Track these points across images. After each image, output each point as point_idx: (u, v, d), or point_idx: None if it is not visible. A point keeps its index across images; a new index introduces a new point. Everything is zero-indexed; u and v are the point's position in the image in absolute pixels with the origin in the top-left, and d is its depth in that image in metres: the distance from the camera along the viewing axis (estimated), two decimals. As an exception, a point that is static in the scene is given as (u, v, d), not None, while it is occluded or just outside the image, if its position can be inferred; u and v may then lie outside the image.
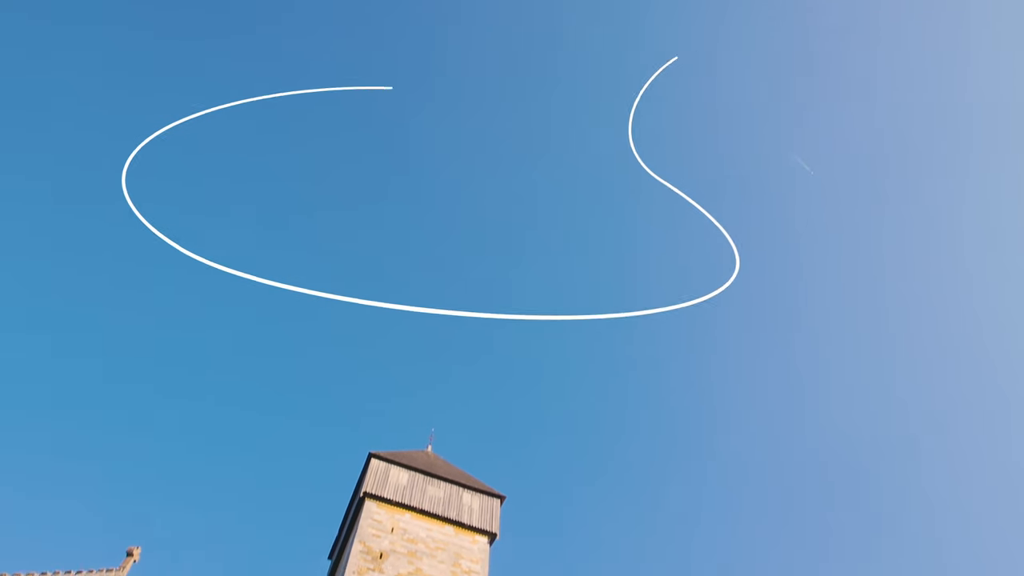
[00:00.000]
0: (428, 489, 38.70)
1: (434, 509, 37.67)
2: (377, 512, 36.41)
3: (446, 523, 37.52)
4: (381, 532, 35.53)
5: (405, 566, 34.40)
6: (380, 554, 34.42)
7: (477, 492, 39.93)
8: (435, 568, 34.98)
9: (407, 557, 34.85)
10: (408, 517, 36.94)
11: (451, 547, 36.44)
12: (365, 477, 37.82)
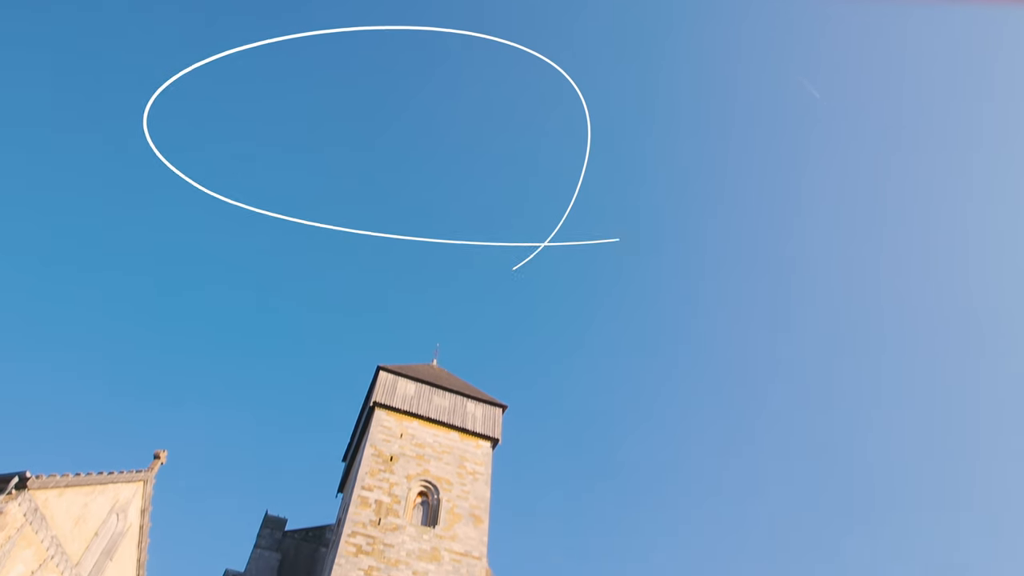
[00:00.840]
0: (434, 399, 39.89)
1: (440, 417, 38.96)
2: (387, 420, 37.70)
3: (451, 429, 38.89)
4: (391, 437, 36.92)
5: (414, 468, 35.96)
6: (391, 457, 35.90)
7: (480, 402, 41.14)
8: (442, 469, 36.56)
9: (415, 460, 36.36)
10: (416, 424, 38.26)
11: (456, 451, 37.93)
12: (375, 388, 38.89)
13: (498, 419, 40.84)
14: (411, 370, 41.38)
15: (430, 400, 39.57)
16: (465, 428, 39.08)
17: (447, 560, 32.35)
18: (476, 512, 35.21)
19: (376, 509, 33.06)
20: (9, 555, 15.08)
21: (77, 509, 17.50)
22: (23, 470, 15.74)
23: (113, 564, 18.67)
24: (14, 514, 15.34)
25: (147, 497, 20.18)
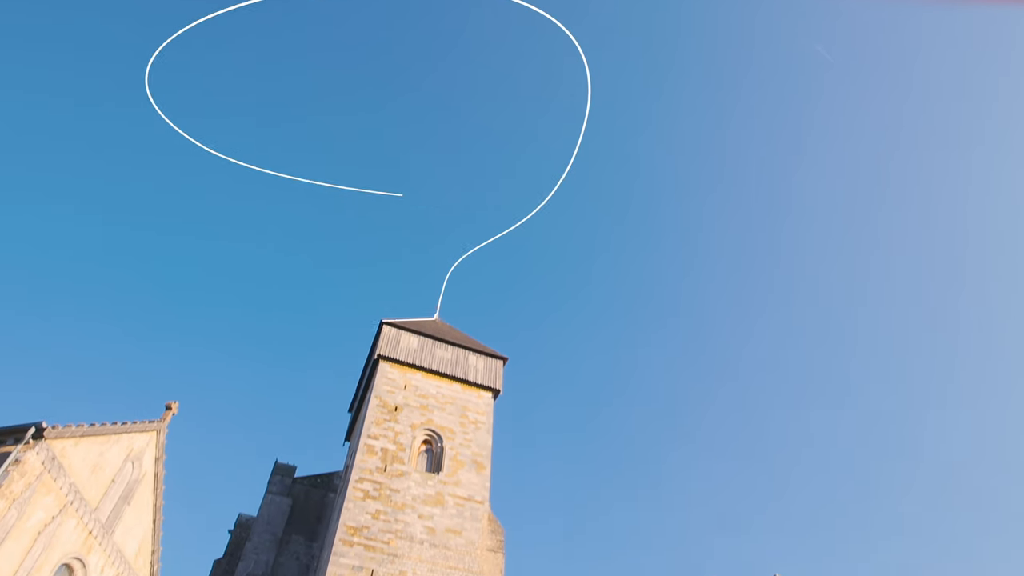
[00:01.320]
0: (436, 351, 40.21)
1: (442, 369, 39.36)
2: (391, 372, 38.09)
3: (454, 381, 39.33)
4: (395, 389, 37.38)
5: (418, 417, 36.53)
6: (395, 407, 36.42)
7: (481, 354, 41.48)
8: (445, 419, 37.14)
9: (419, 410, 36.90)
10: (419, 376, 38.68)
11: (459, 401, 38.45)
12: (378, 342, 39.17)
13: (499, 371, 41.26)
14: (414, 324, 41.58)
15: (432, 353, 39.90)
16: (467, 379, 39.50)
17: (451, 504, 33.16)
18: (478, 459, 35.91)
19: (382, 456, 33.71)
20: (30, 501, 15.42)
21: (93, 458, 17.82)
22: (39, 421, 15.96)
23: (131, 509, 19.13)
24: (32, 463, 15.62)
25: (160, 446, 20.52)
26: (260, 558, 34.61)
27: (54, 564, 16.24)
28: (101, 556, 17.86)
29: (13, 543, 14.91)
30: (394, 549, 30.28)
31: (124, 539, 18.85)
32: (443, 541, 31.49)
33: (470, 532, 32.37)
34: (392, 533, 30.83)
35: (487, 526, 34.52)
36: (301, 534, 36.75)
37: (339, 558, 29.08)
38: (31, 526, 15.48)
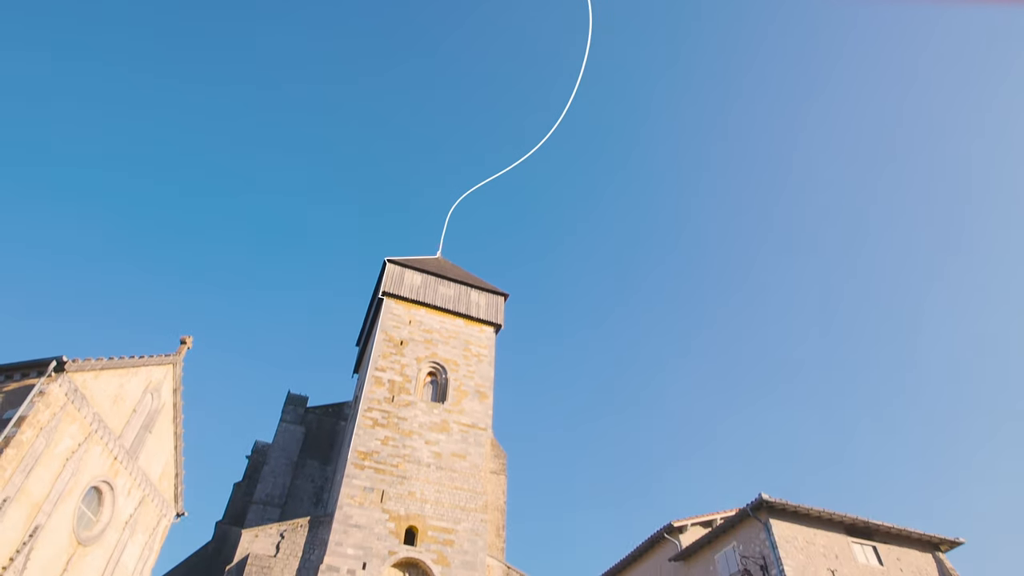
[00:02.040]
0: (439, 288, 40.32)
1: (445, 305, 39.57)
2: (396, 308, 38.32)
3: (457, 316, 39.62)
4: (400, 324, 37.70)
5: (423, 351, 37.01)
6: (400, 342, 36.84)
7: (483, 291, 41.61)
8: (448, 352, 37.64)
9: (424, 344, 37.34)
10: (423, 312, 38.93)
11: (462, 336, 38.85)
12: (383, 279, 39.24)
13: (500, 306, 41.50)
14: (417, 262, 41.54)
15: (436, 290, 40.01)
16: (469, 315, 39.79)
17: (456, 431, 34.04)
18: (481, 389, 36.62)
19: (389, 387, 34.36)
20: (56, 429, 15.77)
21: (114, 389, 18.12)
22: (59, 355, 16.14)
23: (152, 437, 19.62)
24: (56, 394, 15.89)
25: (177, 378, 20.84)
26: (277, 481, 35.86)
27: (83, 487, 16.79)
28: (127, 479, 18.46)
29: (43, 468, 15.36)
30: (403, 472, 31.29)
31: (148, 464, 19.43)
32: (449, 464, 32.50)
33: (474, 456, 33.37)
34: (401, 457, 31.79)
35: (490, 451, 35.56)
36: (315, 459, 37.93)
37: (351, 480, 30.11)
38: (59, 452, 15.89)
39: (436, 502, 30.90)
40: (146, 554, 19.36)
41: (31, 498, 15.05)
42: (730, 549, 18.75)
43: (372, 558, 28.10)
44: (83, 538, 16.85)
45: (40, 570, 15.34)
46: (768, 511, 18.02)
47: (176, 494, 21.08)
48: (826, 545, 18.16)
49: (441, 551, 29.42)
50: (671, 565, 20.81)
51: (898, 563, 18.86)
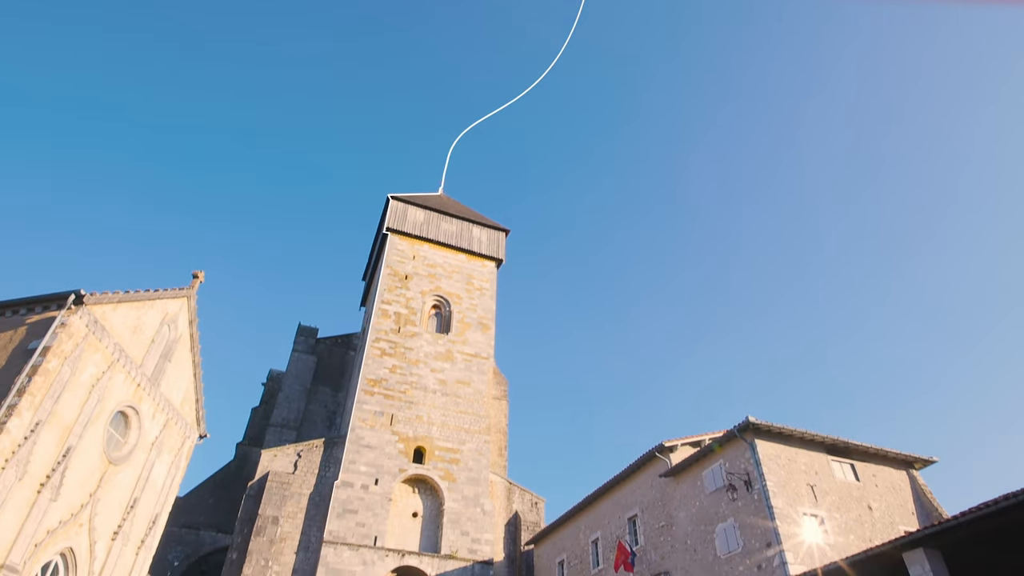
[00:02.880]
0: (442, 224, 39.99)
1: (448, 240, 39.37)
2: (400, 244, 38.14)
3: (459, 251, 39.49)
4: (404, 259, 37.64)
5: (427, 284, 37.12)
6: (405, 276, 36.89)
7: (484, 226, 41.28)
8: (452, 286, 37.76)
9: (428, 278, 37.40)
10: (427, 248, 38.77)
11: (464, 270, 38.85)
12: (387, 215, 38.87)
13: (501, 242, 41.29)
14: (420, 199, 41.00)
15: (438, 226, 39.69)
16: (471, 250, 39.65)
17: (460, 360, 34.61)
18: (484, 321, 36.97)
19: (396, 319, 34.69)
20: (80, 358, 16.00)
21: (132, 321, 18.26)
22: (77, 288, 16.16)
23: (172, 365, 19.93)
24: (77, 325, 16.01)
25: (192, 311, 20.96)
26: (292, 406, 36.82)
27: (110, 412, 17.20)
28: (151, 404, 18.90)
29: (70, 395, 15.68)
30: (410, 398, 32.05)
31: (170, 390, 19.84)
32: (454, 391, 33.24)
33: (477, 383, 34.08)
34: (408, 384, 32.48)
35: (492, 378, 36.30)
36: (327, 386, 38.80)
37: (362, 405, 30.90)
38: (84, 380, 16.18)
39: (442, 425, 31.79)
40: (173, 472, 20.08)
41: (62, 422, 15.44)
42: (717, 466, 19.42)
43: (384, 475, 29.21)
44: (113, 458, 17.42)
45: (76, 486, 15.94)
46: (754, 432, 18.53)
47: (198, 418, 21.64)
48: (807, 463, 18.78)
49: (448, 469, 30.54)
50: (661, 481, 21.61)
51: (873, 479, 19.57)
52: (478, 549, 28.77)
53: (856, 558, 14.09)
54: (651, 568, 20.99)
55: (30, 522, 14.26)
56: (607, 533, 24.01)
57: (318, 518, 27.58)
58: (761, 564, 16.71)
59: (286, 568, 26.12)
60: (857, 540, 17.40)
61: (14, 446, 13.97)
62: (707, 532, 19.04)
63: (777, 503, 17.15)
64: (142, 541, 18.64)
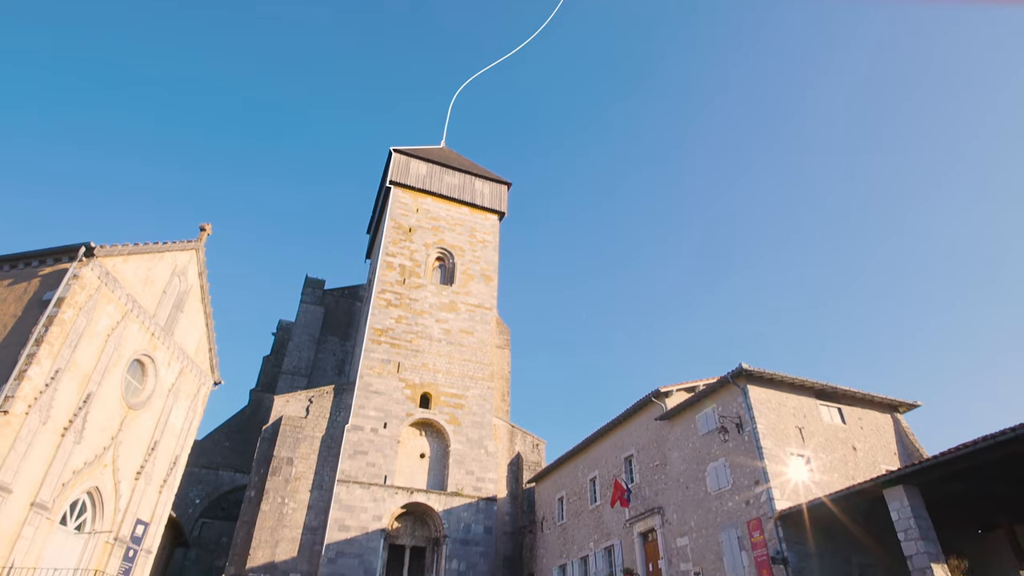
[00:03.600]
0: (445, 177, 39.42)
1: (451, 193, 38.90)
2: (403, 197, 37.71)
3: (462, 204, 39.06)
4: (408, 212, 37.30)
5: (430, 237, 36.91)
6: (409, 229, 36.65)
7: (487, 179, 40.69)
8: (455, 238, 37.55)
9: (431, 231, 37.16)
10: (430, 201, 38.34)
11: (467, 223, 38.54)
12: (389, 169, 38.29)
13: (503, 195, 40.80)
14: (422, 151, 40.29)
15: (441, 179, 39.15)
16: (474, 203, 39.22)
17: (463, 310, 34.77)
18: (486, 273, 36.94)
19: (400, 271, 34.68)
20: (95, 309, 16.06)
21: (143, 272, 18.24)
22: (87, 241, 16.07)
23: (184, 315, 20.03)
24: (89, 277, 16.00)
25: (201, 262, 20.90)
26: (302, 354, 37.29)
27: (127, 360, 17.40)
28: (166, 353, 19.10)
29: (87, 344, 15.82)
30: (416, 347, 32.38)
31: (183, 339, 20.01)
32: (458, 340, 33.54)
33: (481, 333, 34.35)
34: (414, 334, 32.76)
35: (495, 328, 36.55)
36: (335, 335, 39.18)
37: (370, 353, 31.27)
38: (100, 330, 16.29)
39: (447, 372, 32.23)
40: (190, 416, 20.49)
41: (80, 370, 15.65)
42: (710, 410, 19.73)
43: (392, 419, 29.83)
44: (132, 403, 17.75)
45: (99, 430, 16.30)
46: (747, 378, 18.72)
47: (212, 366, 21.92)
48: (796, 407, 19.05)
49: (453, 413, 31.15)
50: (657, 424, 22.02)
51: (859, 422, 19.89)
52: (482, 487, 29.67)
53: (839, 494, 14.47)
54: (645, 503, 21.64)
55: (56, 463, 14.65)
56: (604, 472, 24.67)
57: (330, 459, 28.35)
58: (749, 500, 17.19)
59: (301, 504, 27.04)
60: (841, 478, 17.83)
61: (36, 392, 14.20)
62: (699, 471, 19.52)
63: (766, 444, 17.49)
64: (164, 480, 19.21)
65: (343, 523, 26.49)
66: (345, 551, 25.97)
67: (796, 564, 15.41)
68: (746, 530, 16.90)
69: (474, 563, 27.70)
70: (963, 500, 14.99)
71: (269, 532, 25.79)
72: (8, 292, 15.82)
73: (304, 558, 25.90)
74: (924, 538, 12.13)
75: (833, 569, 15.83)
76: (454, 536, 27.97)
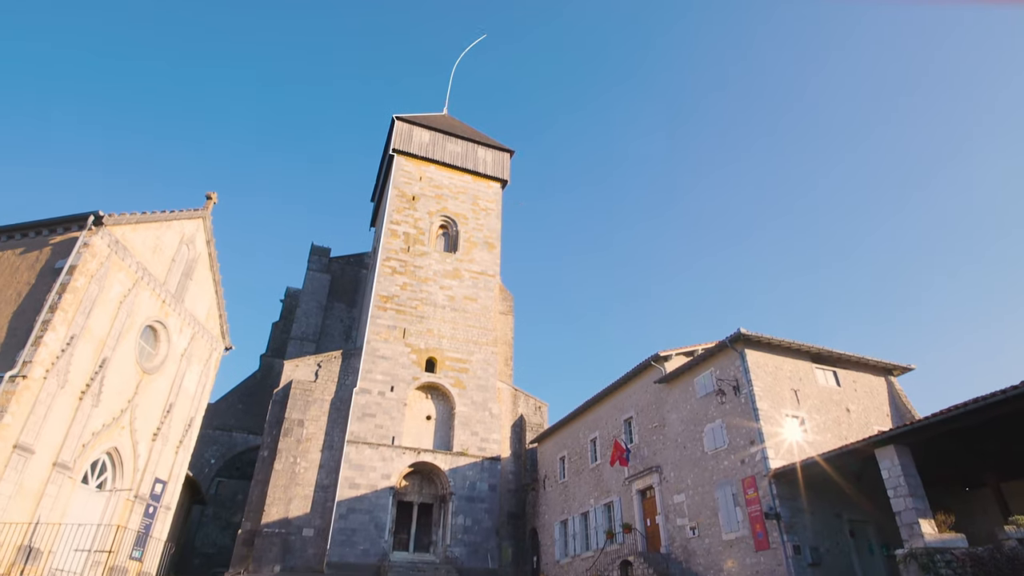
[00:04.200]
0: (447, 145, 38.89)
1: (454, 161, 38.44)
2: (406, 165, 37.30)
3: (465, 172, 38.64)
4: (411, 180, 36.94)
5: (434, 205, 36.65)
6: (412, 197, 36.36)
7: (489, 147, 40.13)
8: (458, 206, 37.28)
9: (435, 199, 36.86)
10: (433, 169, 37.92)
11: (470, 191, 38.20)
12: (392, 137, 37.77)
13: (506, 163, 40.31)
14: (424, 119, 39.65)
15: (444, 147, 38.65)
16: (477, 171, 38.80)
17: (467, 277, 34.78)
18: (489, 240, 36.80)
19: (405, 239, 34.56)
20: (106, 276, 16.09)
21: (151, 241, 18.20)
22: (95, 210, 15.99)
23: (193, 283, 20.06)
24: (99, 245, 15.98)
25: (208, 231, 20.83)
26: (310, 321, 37.52)
27: (139, 326, 17.52)
28: (177, 319, 19.21)
29: (100, 311, 15.91)
30: (421, 313, 32.52)
31: (193, 306, 20.09)
32: (462, 306, 33.65)
33: (484, 299, 34.43)
34: (418, 300, 32.86)
35: (498, 294, 36.59)
36: (341, 302, 39.33)
37: (376, 319, 31.43)
38: (112, 297, 16.36)
39: (452, 337, 32.45)
40: (203, 380, 20.75)
41: (95, 335, 15.78)
42: (708, 374, 19.87)
43: (399, 382, 30.19)
44: (147, 368, 17.96)
45: (115, 393, 16.54)
46: (744, 342, 18.79)
47: (222, 331, 22.08)
48: (792, 370, 19.17)
49: (458, 377, 31.48)
50: (656, 387, 22.23)
51: (854, 384, 20.03)
52: (487, 447, 30.20)
53: (832, 454, 14.68)
54: (643, 463, 22.02)
55: (75, 425, 14.92)
56: (604, 433, 25.04)
57: (340, 421, 28.82)
58: (744, 459, 17.46)
59: (313, 464, 27.61)
60: (834, 439, 18.06)
61: (53, 358, 14.36)
62: (696, 432, 19.79)
63: (762, 406, 17.67)
64: (180, 441, 19.58)
65: (353, 481, 27.09)
66: (356, 507, 26.63)
67: (788, 519, 15.75)
68: (741, 487, 17.22)
69: (479, 518, 28.41)
70: (953, 460, 15.20)
71: (282, 490, 26.41)
72: (20, 260, 15.84)
73: (317, 514, 26.58)
74: (913, 495, 12.33)
75: (824, 524, 16.19)
76: (460, 493, 28.61)
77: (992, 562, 9.64)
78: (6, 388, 13.41)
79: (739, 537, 16.93)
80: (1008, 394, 10.75)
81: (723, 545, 17.46)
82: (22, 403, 13.47)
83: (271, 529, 25.52)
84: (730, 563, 17.02)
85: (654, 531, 20.75)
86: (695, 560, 18.41)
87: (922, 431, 12.45)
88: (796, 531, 15.65)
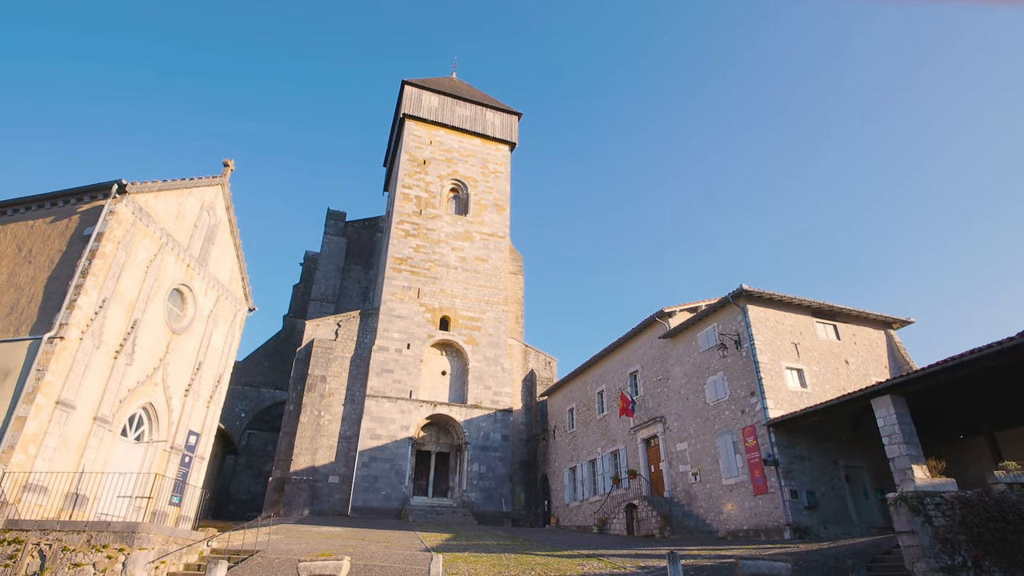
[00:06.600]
0: (457, 109, 38.12)
1: (463, 125, 37.73)
2: (417, 129, 36.70)
3: (474, 136, 37.98)
4: (422, 144, 36.40)
5: (444, 169, 36.20)
6: (423, 161, 35.90)
7: (498, 111, 39.27)
8: (468, 169, 36.80)
9: (445, 163, 36.38)
10: (442, 133, 37.29)
11: (479, 154, 37.62)
12: (402, 101, 37.05)
13: (514, 126, 39.51)
14: (433, 83, 38.77)
15: (453, 111, 37.89)
16: (486, 134, 38.12)
17: (478, 239, 34.63)
18: (499, 203, 36.44)
19: (417, 203, 34.32)
20: (133, 243, 16.20)
21: (174, 208, 18.21)
22: (119, 179, 15.96)
23: (215, 248, 20.15)
24: (124, 213, 16.02)
25: (227, 197, 20.76)
26: (329, 283, 37.78)
27: (167, 289, 17.73)
28: (202, 283, 19.40)
29: (129, 275, 16.08)
30: (434, 274, 32.59)
31: (217, 270, 20.25)
32: (473, 267, 33.64)
33: (495, 260, 34.35)
34: (431, 262, 32.88)
35: (508, 255, 36.48)
36: (358, 264, 39.47)
37: (392, 280, 31.57)
38: (139, 262, 16.50)
39: (464, 297, 32.58)
40: (229, 340, 21.09)
41: (125, 299, 16.01)
42: (710, 329, 19.82)
43: (415, 340, 30.53)
44: (176, 328, 18.26)
45: (147, 352, 16.89)
46: (746, 298, 18.64)
47: (245, 294, 22.30)
48: (793, 324, 19.05)
49: (470, 335, 31.75)
50: (660, 342, 22.27)
51: (853, 338, 19.90)
52: (499, 400, 30.69)
53: (829, 403, 14.70)
54: (648, 413, 22.28)
55: (112, 382, 15.30)
56: (611, 386, 25.28)
57: (360, 377, 29.34)
58: (745, 409, 17.58)
59: (336, 416, 28.30)
60: (833, 390, 18.07)
61: (87, 320, 14.61)
62: (698, 384, 19.90)
63: (763, 359, 17.65)
64: (211, 397, 20.07)
65: (374, 432, 27.78)
66: (377, 456, 27.39)
67: (786, 465, 15.94)
68: (741, 436, 17.40)
69: (493, 466, 29.13)
70: (948, 409, 15.17)
71: (308, 441, 27.18)
72: (51, 228, 15.96)
73: (341, 462, 27.40)
74: (907, 442, 12.37)
75: (821, 470, 16.38)
76: (474, 443, 29.27)
77: (980, 505, 9.72)
78: (45, 349, 13.73)
79: (738, 482, 17.21)
80: (1004, 346, 10.60)
81: (723, 489, 17.78)
82: (61, 362, 13.81)
83: (299, 476, 26.40)
84: (730, 506, 17.37)
85: (658, 477, 21.16)
86: (696, 503, 18.80)
87: (918, 381, 12.38)
88: (793, 476, 15.87)
